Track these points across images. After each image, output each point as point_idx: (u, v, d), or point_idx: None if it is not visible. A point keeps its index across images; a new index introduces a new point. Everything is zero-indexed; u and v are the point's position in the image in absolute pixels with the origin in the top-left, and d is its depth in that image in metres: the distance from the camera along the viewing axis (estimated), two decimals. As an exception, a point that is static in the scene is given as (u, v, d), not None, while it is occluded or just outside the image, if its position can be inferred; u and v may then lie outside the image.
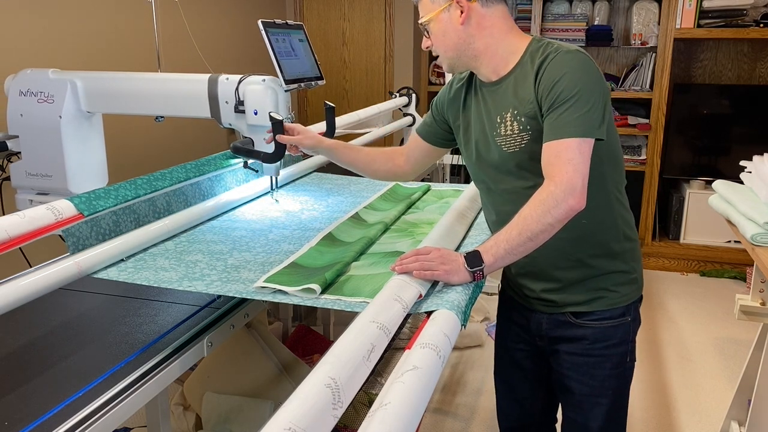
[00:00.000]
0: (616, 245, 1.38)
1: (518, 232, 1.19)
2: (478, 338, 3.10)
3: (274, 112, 1.58)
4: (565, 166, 1.19)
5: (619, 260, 1.39)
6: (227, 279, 1.26)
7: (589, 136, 1.21)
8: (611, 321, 1.41)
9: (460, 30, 1.33)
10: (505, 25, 1.35)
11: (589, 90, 1.22)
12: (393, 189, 2.02)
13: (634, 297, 1.43)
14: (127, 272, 1.31)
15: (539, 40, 1.33)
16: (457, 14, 1.32)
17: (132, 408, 1.05)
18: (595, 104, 1.22)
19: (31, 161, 1.87)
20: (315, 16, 4.73)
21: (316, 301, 1.16)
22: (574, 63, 1.24)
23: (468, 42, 1.34)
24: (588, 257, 1.37)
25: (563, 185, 1.17)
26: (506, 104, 1.33)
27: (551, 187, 1.19)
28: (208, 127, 3.53)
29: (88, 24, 2.86)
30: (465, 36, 1.33)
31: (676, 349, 3.11)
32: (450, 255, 1.20)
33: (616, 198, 1.37)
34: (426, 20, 1.37)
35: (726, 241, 4.01)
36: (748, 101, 4.05)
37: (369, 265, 1.34)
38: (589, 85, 1.22)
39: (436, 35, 1.38)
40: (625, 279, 1.41)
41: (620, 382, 1.48)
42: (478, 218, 1.61)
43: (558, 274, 1.39)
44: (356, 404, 2.15)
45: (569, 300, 1.41)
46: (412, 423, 0.75)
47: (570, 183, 1.18)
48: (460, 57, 1.37)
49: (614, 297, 1.40)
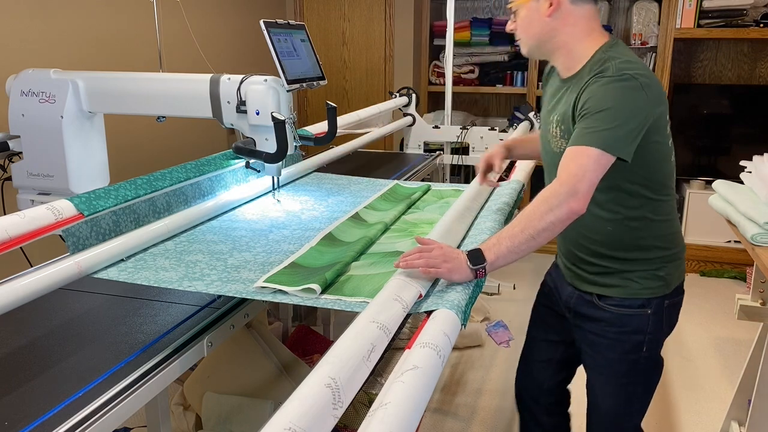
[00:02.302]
0: (641, 253, 1.45)
1: (521, 229, 1.22)
2: (478, 338, 3.10)
3: (276, 112, 1.58)
4: (576, 170, 1.23)
5: (646, 261, 1.45)
6: (227, 279, 1.26)
7: (610, 152, 1.24)
8: (629, 309, 1.46)
9: (546, 22, 1.38)
10: (588, 26, 1.39)
11: (620, 109, 1.26)
12: (393, 189, 2.02)
13: (658, 293, 1.46)
14: (127, 272, 1.31)
15: (606, 50, 1.37)
16: (546, 5, 1.37)
17: (132, 408, 1.05)
18: (624, 123, 1.25)
19: (32, 161, 1.87)
20: (315, 16, 4.73)
21: (316, 301, 1.16)
22: (613, 92, 1.27)
23: (550, 35, 1.40)
24: (615, 255, 1.46)
25: (568, 186, 1.22)
26: (558, 108, 1.41)
27: (556, 186, 1.23)
28: (208, 127, 3.53)
29: (89, 24, 2.87)
30: (548, 29, 1.39)
31: (676, 349, 3.11)
32: (452, 252, 1.21)
33: (646, 217, 1.42)
34: (516, 5, 1.43)
35: (726, 241, 4.01)
36: (748, 101, 4.05)
37: (369, 265, 1.35)
38: (623, 105, 1.26)
39: (522, 21, 1.42)
40: (649, 275, 1.46)
41: (630, 369, 1.52)
42: (479, 218, 1.61)
43: (598, 261, 1.48)
44: (356, 404, 2.15)
45: (597, 281, 1.49)
46: (412, 423, 0.75)
47: (575, 186, 1.21)
48: (540, 47, 1.43)
49: (635, 287, 1.46)
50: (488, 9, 4.76)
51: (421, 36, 4.63)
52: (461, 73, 4.58)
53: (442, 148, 3.47)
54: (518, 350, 2.96)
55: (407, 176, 2.68)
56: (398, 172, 2.75)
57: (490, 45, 4.53)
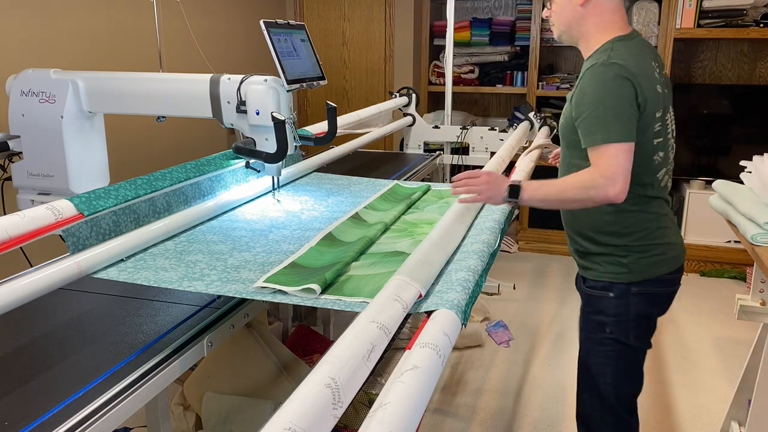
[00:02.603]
0: (611, 239, 1.60)
1: (560, 191, 1.47)
2: (478, 338, 3.10)
3: (276, 112, 1.58)
4: (603, 165, 1.44)
5: (613, 247, 1.60)
6: (227, 279, 1.26)
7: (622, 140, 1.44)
8: (595, 291, 1.65)
9: (577, 10, 1.55)
10: (610, 18, 1.55)
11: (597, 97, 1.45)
12: (393, 189, 2.02)
13: (621, 279, 1.60)
14: (127, 272, 1.31)
15: (613, 42, 1.53)
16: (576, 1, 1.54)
17: (132, 408, 1.05)
18: (605, 119, 1.43)
19: (32, 161, 1.87)
20: (315, 16, 4.73)
21: (316, 301, 1.16)
22: (596, 74, 1.46)
23: (579, 22, 1.57)
24: (592, 237, 1.63)
25: (600, 177, 1.43)
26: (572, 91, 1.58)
27: (591, 177, 1.44)
28: (208, 127, 3.53)
29: (89, 24, 2.87)
30: (578, 16, 1.56)
31: (677, 349, 3.11)
32: (496, 181, 1.49)
33: (620, 206, 1.50)
34: None
35: (726, 241, 4.01)
36: (748, 101, 4.05)
37: (369, 265, 1.35)
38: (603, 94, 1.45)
39: (557, 8, 1.61)
40: (613, 260, 1.60)
41: (595, 348, 1.68)
42: (478, 218, 1.61)
43: (580, 240, 1.67)
44: (356, 404, 2.15)
45: (579, 262, 1.70)
46: (412, 423, 0.75)
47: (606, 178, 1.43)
48: (569, 32, 1.61)
49: (600, 270, 1.63)
50: (488, 9, 4.76)
51: (421, 36, 4.63)
52: (461, 73, 4.58)
53: (442, 148, 3.47)
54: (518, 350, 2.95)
55: (407, 176, 2.68)
56: (398, 172, 2.75)
57: (490, 45, 4.53)
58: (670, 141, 1.64)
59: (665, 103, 1.58)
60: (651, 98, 1.49)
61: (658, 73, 1.58)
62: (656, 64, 1.59)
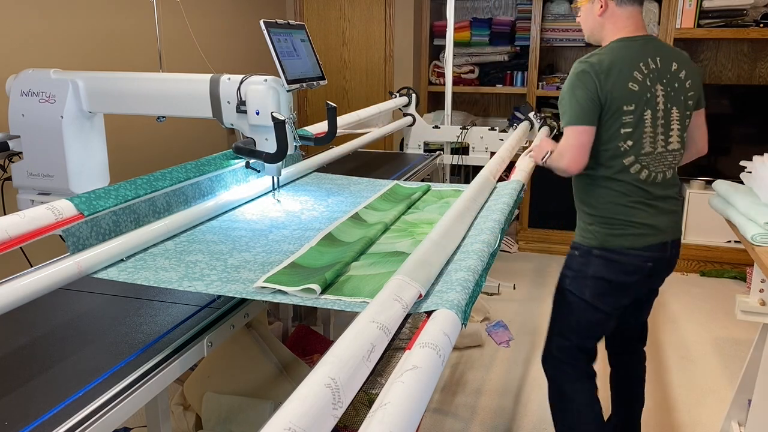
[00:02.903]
0: (584, 206, 1.92)
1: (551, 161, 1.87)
2: (478, 338, 3.10)
3: (276, 112, 1.58)
4: (564, 144, 1.82)
5: (584, 214, 1.92)
6: (227, 279, 1.26)
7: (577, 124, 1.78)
8: (570, 249, 1.97)
9: (597, 19, 1.85)
10: (623, 24, 1.83)
11: (569, 93, 1.78)
12: (393, 189, 2.02)
13: (586, 242, 1.90)
14: (127, 272, 1.31)
15: (612, 43, 1.82)
16: (597, 7, 1.84)
17: (132, 408, 1.05)
18: (569, 107, 1.76)
19: (32, 161, 1.87)
20: (315, 16, 4.73)
21: (316, 301, 1.16)
22: (569, 78, 1.80)
23: (599, 29, 1.87)
24: (577, 203, 1.96)
25: (562, 153, 1.83)
26: None
27: (557, 152, 1.85)
28: (208, 127, 3.53)
29: (89, 24, 2.87)
30: (598, 25, 1.87)
31: (676, 349, 3.11)
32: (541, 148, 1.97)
33: (591, 180, 1.86)
34: (579, 5, 1.93)
35: (726, 241, 4.01)
36: (748, 101, 4.05)
37: (369, 265, 1.34)
38: (570, 88, 1.78)
39: (582, 17, 1.92)
40: (583, 225, 1.92)
41: (556, 298, 2.00)
42: (478, 218, 1.61)
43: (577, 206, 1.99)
44: (356, 404, 2.15)
45: None
46: (412, 423, 0.75)
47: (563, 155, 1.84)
48: (593, 36, 1.92)
49: (576, 233, 1.95)
50: (488, 9, 4.76)
51: (421, 36, 4.63)
52: (461, 73, 4.58)
53: (442, 148, 3.47)
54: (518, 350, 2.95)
55: (407, 176, 2.68)
56: (398, 172, 2.75)
57: (490, 45, 4.53)
58: (649, 134, 1.80)
59: (644, 102, 1.77)
60: (618, 94, 1.74)
61: (645, 73, 1.78)
62: (652, 64, 1.80)
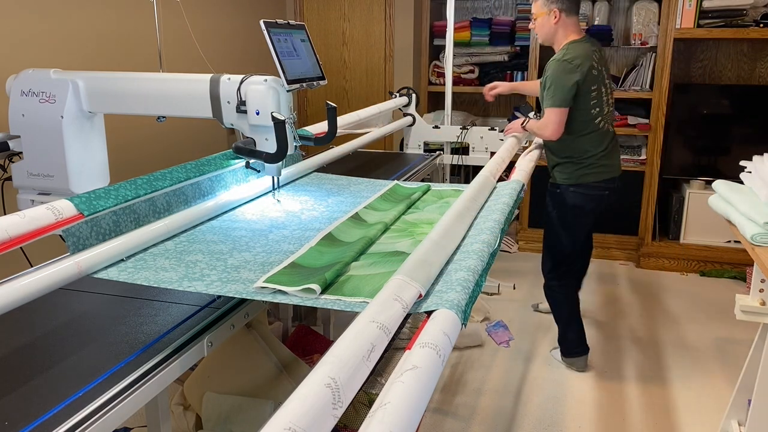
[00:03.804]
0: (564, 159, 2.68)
1: (534, 128, 2.63)
2: (478, 338, 3.10)
3: (276, 112, 1.58)
4: (546, 119, 2.55)
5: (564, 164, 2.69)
6: (227, 279, 1.26)
7: (561, 106, 2.51)
8: (553, 189, 2.76)
9: (552, 26, 2.56)
10: (570, 30, 2.58)
11: (557, 80, 2.49)
12: (393, 189, 2.02)
13: (565, 181, 2.69)
14: (127, 272, 1.31)
15: (567, 46, 2.55)
16: (552, 17, 2.54)
17: (132, 408, 1.05)
18: (559, 91, 2.48)
19: (32, 161, 1.87)
20: (315, 16, 4.73)
21: (316, 301, 1.16)
22: (556, 68, 2.51)
23: (553, 34, 2.59)
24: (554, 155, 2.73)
25: (543, 126, 2.58)
26: (543, 77, 2.63)
27: (539, 125, 2.60)
28: (208, 127, 3.53)
29: (89, 24, 2.87)
30: (553, 31, 2.58)
31: (676, 349, 3.11)
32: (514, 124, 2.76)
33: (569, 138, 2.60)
34: (536, 15, 2.60)
35: (726, 241, 4.01)
36: (748, 101, 4.05)
37: (369, 265, 1.34)
38: (557, 78, 2.49)
39: (539, 25, 2.60)
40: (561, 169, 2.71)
41: (547, 222, 2.84)
42: (478, 218, 1.61)
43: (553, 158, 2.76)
44: (356, 404, 2.15)
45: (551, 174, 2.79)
46: (412, 423, 0.75)
47: (546, 127, 2.56)
48: (547, 40, 2.63)
49: (556, 177, 2.73)
50: (488, 9, 4.76)
51: (421, 36, 4.63)
52: (461, 73, 4.58)
53: (442, 148, 3.47)
54: (518, 350, 2.95)
55: (407, 176, 2.68)
56: (398, 172, 2.75)
57: (490, 45, 4.53)
58: (605, 101, 2.61)
59: (599, 81, 2.55)
60: (588, 79, 2.49)
61: (596, 63, 2.53)
62: (596, 56, 2.55)
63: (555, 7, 2.51)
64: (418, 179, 2.77)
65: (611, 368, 2.92)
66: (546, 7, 2.52)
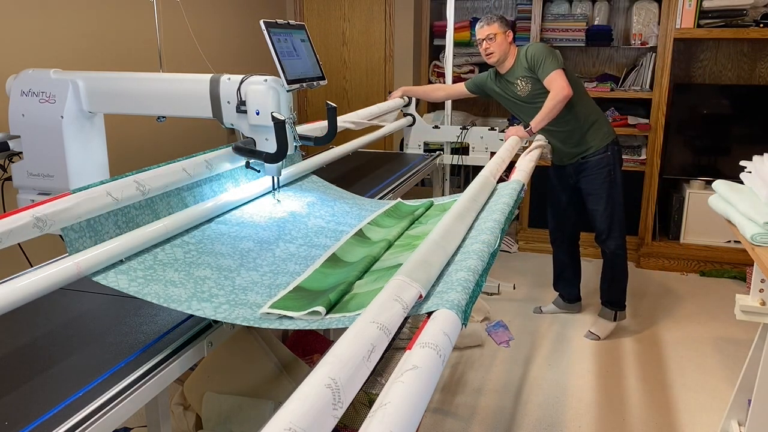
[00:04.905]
0: (586, 124, 3.02)
1: (547, 112, 2.76)
2: (478, 338, 3.10)
3: (276, 112, 1.58)
4: (556, 82, 2.77)
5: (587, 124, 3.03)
6: (235, 302, 1.25)
7: (561, 68, 2.82)
8: (595, 156, 3.07)
9: (508, 44, 2.92)
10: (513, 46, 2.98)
11: (547, 53, 2.84)
12: (396, 207, 2.00)
13: (606, 141, 3.06)
14: (138, 283, 1.28)
15: (520, 50, 2.94)
16: (509, 37, 2.92)
17: (132, 408, 1.05)
18: (553, 58, 2.82)
19: (32, 161, 1.87)
20: (315, 16, 4.73)
21: (321, 323, 1.16)
22: (538, 46, 2.89)
23: (507, 51, 2.92)
24: (575, 134, 3.04)
25: (558, 89, 2.76)
26: (514, 78, 2.96)
27: (553, 92, 2.77)
28: (208, 127, 3.53)
29: (89, 24, 2.87)
30: (507, 48, 2.92)
31: (676, 349, 3.11)
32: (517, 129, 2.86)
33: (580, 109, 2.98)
34: (494, 35, 2.89)
35: (726, 241, 4.01)
36: (748, 101, 4.05)
37: (373, 281, 1.34)
38: (546, 52, 2.84)
39: (497, 43, 2.89)
40: (593, 130, 3.04)
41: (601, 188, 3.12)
42: (479, 218, 1.61)
43: (574, 140, 3.06)
44: (356, 404, 2.15)
45: (579, 152, 3.08)
46: (412, 423, 0.75)
47: (562, 87, 2.76)
48: (503, 55, 2.92)
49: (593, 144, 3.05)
50: (488, 9, 4.76)
51: (421, 36, 4.63)
52: (461, 73, 4.58)
53: (442, 148, 3.47)
54: (518, 350, 2.95)
55: (407, 176, 2.68)
56: (398, 172, 2.75)
57: (490, 45, 4.52)
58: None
59: None
60: None
61: None
62: None
63: (507, 28, 2.94)
64: (417, 179, 2.77)
65: (611, 368, 2.93)
66: (502, 28, 2.90)
